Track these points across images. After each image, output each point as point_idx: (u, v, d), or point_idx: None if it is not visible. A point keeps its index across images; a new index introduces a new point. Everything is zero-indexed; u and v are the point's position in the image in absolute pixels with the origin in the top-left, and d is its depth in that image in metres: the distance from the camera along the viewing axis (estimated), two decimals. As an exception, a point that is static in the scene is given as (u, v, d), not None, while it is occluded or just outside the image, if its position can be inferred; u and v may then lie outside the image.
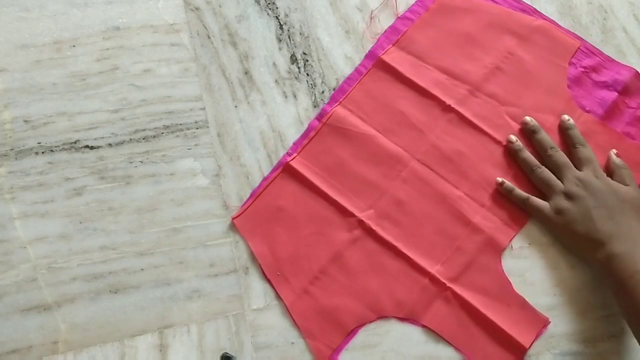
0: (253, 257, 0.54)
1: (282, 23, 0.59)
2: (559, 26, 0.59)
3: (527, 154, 0.55)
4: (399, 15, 0.60)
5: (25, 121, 0.55)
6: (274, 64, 0.58)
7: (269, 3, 0.59)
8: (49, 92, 0.56)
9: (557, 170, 0.54)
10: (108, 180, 0.54)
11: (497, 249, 0.54)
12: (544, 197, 0.54)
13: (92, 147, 0.55)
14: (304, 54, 0.58)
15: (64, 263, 0.52)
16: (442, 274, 0.53)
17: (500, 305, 0.52)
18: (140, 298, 0.52)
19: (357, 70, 0.58)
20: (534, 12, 0.60)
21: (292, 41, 0.59)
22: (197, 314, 0.52)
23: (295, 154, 0.56)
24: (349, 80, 0.58)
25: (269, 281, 0.53)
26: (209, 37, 0.58)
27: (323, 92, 0.58)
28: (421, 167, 0.56)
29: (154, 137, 0.56)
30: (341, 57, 0.59)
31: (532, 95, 0.57)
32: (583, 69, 0.58)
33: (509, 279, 0.53)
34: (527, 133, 0.56)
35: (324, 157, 0.56)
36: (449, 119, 0.57)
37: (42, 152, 0.54)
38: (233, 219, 0.54)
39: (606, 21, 0.60)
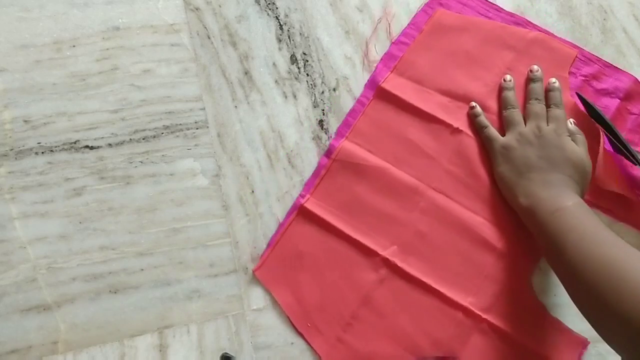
0: (253, 257, 0.54)
1: (282, 23, 0.59)
2: (554, 36, 0.59)
3: (512, 94, 0.56)
4: (393, 41, 0.59)
5: (25, 121, 0.55)
6: (274, 64, 0.58)
7: (269, 3, 0.59)
8: (49, 92, 0.56)
9: (528, 117, 0.55)
10: (108, 180, 0.54)
11: (526, 273, 0.53)
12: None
13: (92, 147, 0.55)
14: (304, 54, 0.58)
15: (64, 263, 0.52)
16: (476, 306, 0.52)
17: (537, 331, 0.51)
18: (140, 298, 0.52)
19: (358, 101, 0.57)
20: (528, 23, 0.59)
21: (292, 41, 0.59)
22: (197, 314, 0.52)
23: (308, 195, 0.54)
24: (352, 112, 0.57)
25: (300, 334, 0.52)
26: (209, 37, 0.58)
27: (323, 92, 0.58)
28: (438, 195, 0.54)
29: (154, 137, 0.56)
30: (341, 57, 0.59)
31: None
32: (583, 78, 0.58)
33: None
34: (528, 80, 0.57)
35: (338, 195, 0.54)
36: (459, 141, 0.56)
37: (42, 152, 0.54)
38: (254, 271, 0.53)
39: (606, 21, 0.60)
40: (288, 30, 0.59)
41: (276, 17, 0.59)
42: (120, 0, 0.58)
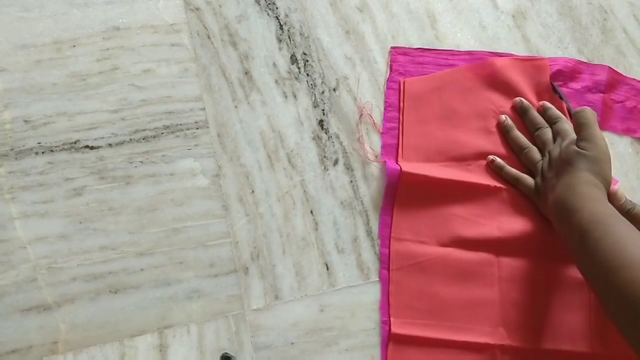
0: (253, 257, 0.54)
1: (282, 23, 0.59)
2: (515, 55, 0.58)
3: (516, 134, 0.56)
4: (382, 131, 0.57)
5: (25, 121, 0.55)
6: (274, 64, 0.58)
7: (269, 3, 0.59)
8: (49, 92, 0.56)
9: (542, 148, 0.55)
10: (108, 180, 0.54)
11: None
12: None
13: (92, 147, 0.55)
14: (304, 54, 0.58)
15: (64, 263, 0.52)
16: (604, 346, 0.50)
17: None
18: (140, 298, 0.52)
19: (385, 197, 0.55)
20: (488, 54, 0.58)
21: (292, 41, 0.59)
22: (197, 314, 0.52)
23: (389, 319, 0.52)
24: (384, 209, 0.55)
25: None
26: (209, 37, 0.58)
27: (323, 92, 0.58)
28: (510, 259, 0.53)
29: (154, 137, 0.56)
30: (341, 57, 0.59)
31: None
32: (563, 83, 0.58)
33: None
34: (519, 113, 0.57)
35: (417, 303, 0.52)
36: (501, 199, 0.54)
37: (42, 152, 0.54)
38: None
39: (606, 21, 0.60)
40: (288, 30, 0.59)
41: (276, 17, 0.59)
42: (120, 0, 0.58)
